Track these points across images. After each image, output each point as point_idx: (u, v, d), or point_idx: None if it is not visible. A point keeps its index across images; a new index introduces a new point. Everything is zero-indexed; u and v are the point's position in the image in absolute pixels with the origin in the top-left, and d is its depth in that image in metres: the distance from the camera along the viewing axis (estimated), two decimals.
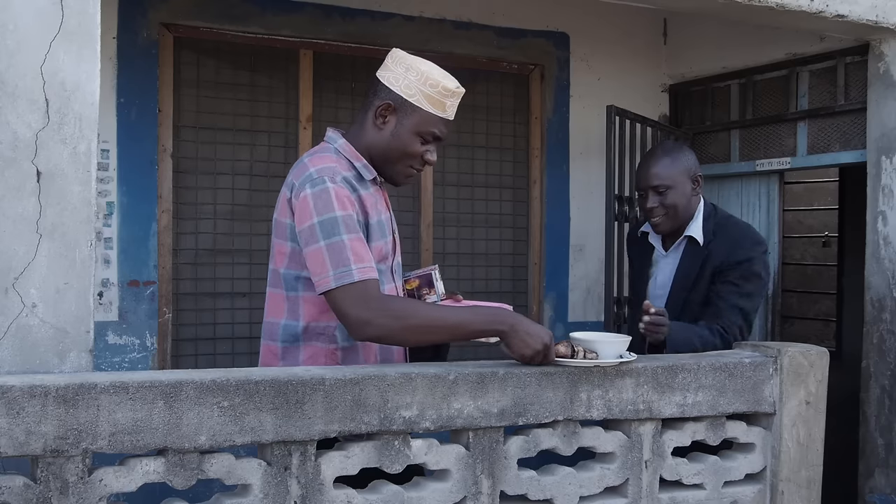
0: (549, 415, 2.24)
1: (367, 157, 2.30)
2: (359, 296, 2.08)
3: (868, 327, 3.89)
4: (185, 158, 4.21)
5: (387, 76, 2.27)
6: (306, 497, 2.00)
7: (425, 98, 2.24)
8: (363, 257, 2.12)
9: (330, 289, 2.10)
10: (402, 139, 2.26)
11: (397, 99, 2.25)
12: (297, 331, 2.25)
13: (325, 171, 2.17)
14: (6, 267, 2.03)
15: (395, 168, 2.31)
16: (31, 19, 2.06)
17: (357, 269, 2.09)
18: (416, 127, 2.25)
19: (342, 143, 2.31)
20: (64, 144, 2.08)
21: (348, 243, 2.11)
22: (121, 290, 4.02)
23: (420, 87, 2.23)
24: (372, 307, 2.09)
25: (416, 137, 2.26)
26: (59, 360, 2.08)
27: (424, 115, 2.25)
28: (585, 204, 4.97)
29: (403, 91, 2.24)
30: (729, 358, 2.52)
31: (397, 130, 2.26)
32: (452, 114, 2.30)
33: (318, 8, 4.32)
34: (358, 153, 2.29)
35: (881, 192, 3.86)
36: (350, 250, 2.10)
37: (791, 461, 2.52)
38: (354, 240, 2.12)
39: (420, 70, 2.24)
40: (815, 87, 4.47)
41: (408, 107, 2.24)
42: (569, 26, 4.91)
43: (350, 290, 2.09)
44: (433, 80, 2.23)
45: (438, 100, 2.24)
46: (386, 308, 2.10)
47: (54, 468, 1.80)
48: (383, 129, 2.27)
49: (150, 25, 4.04)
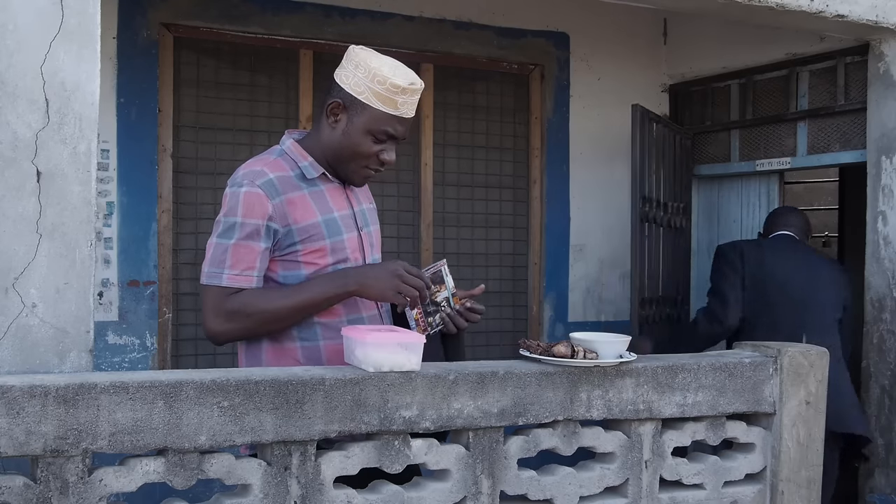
0: (549, 415, 2.24)
1: (320, 157, 2.28)
2: (218, 303, 2.15)
3: (868, 327, 3.89)
4: (185, 158, 4.21)
5: (339, 74, 2.25)
6: (306, 497, 2.00)
7: (374, 95, 2.18)
8: (241, 263, 2.14)
9: (202, 283, 2.18)
10: (353, 138, 2.22)
11: (347, 97, 2.21)
12: None
13: (248, 175, 2.18)
14: (6, 267, 2.03)
15: (349, 167, 2.27)
16: (31, 19, 2.06)
17: (228, 275, 2.14)
18: (366, 125, 2.21)
19: (289, 144, 2.29)
20: (64, 144, 2.08)
21: (232, 248, 2.14)
22: (121, 290, 4.02)
23: (368, 85, 2.18)
24: (224, 316, 2.14)
25: (367, 136, 2.22)
26: (59, 360, 2.08)
27: (374, 114, 2.20)
28: (585, 204, 4.97)
29: (353, 89, 2.20)
30: (729, 358, 2.53)
31: (348, 129, 2.23)
32: (409, 111, 2.23)
33: (318, 8, 4.32)
34: (305, 152, 2.27)
35: (881, 192, 3.85)
36: (230, 254, 2.14)
37: (791, 461, 2.52)
38: (242, 246, 2.14)
39: (369, 67, 2.18)
40: (815, 87, 4.47)
41: (357, 105, 2.20)
42: (569, 26, 4.91)
43: (213, 293, 2.15)
44: (381, 76, 2.17)
45: (388, 97, 2.18)
46: (236, 313, 2.14)
47: (54, 468, 1.80)
48: (335, 128, 2.25)
49: (150, 25, 4.04)
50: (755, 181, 4.68)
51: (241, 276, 2.15)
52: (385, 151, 2.25)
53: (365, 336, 2.07)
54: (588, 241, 4.98)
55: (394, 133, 2.23)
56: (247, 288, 2.15)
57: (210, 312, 2.16)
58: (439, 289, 2.31)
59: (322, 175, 2.27)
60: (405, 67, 2.26)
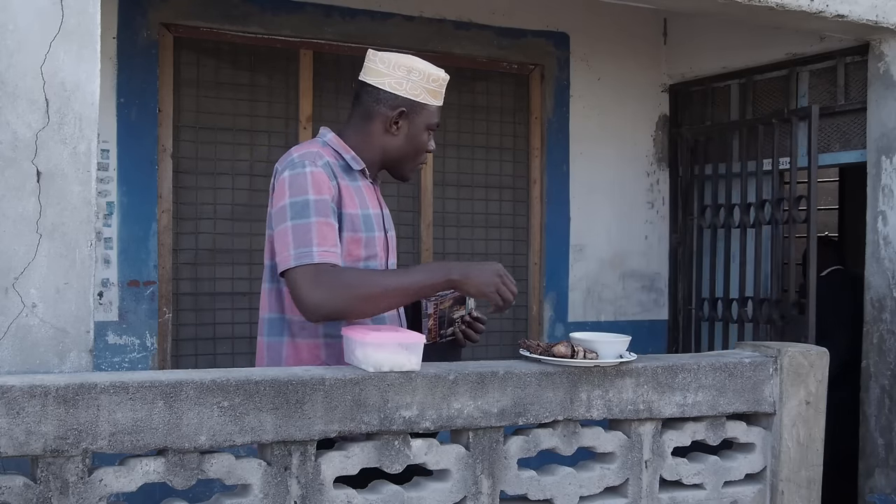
0: (549, 415, 2.24)
1: (367, 157, 2.32)
2: (315, 277, 2.07)
3: (868, 327, 3.89)
4: (185, 158, 4.20)
5: (387, 82, 2.30)
6: (306, 497, 2.00)
7: (429, 93, 2.32)
8: (328, 241, 2.12)
9: (289, 268, 2.10)
10: (417, 138, 2.35)
11: (406, 102, 2.30)
12: (281, 325, 2.26)
13: (307, 156, 2.20)
14: (6, 267, 2.03)
15: (409, 165, 2.40)
16: (31, 19, 2.06)
17: (318, 252, 2.09)
18: (425, 122, 2.34)
19: (331, 137, 2.34)
20: (64, 144, 2.08)
21: (315, 225, 2.11)
22: (121, 290, 4.02)
23: (424, 85, 2.31)
24: (324, 287, 2.07)
25: (426, 132, 2.36)
26: (59, 360, 2.08)
27: (430, 110, 2.35)
28: (585, 204, 4.97)
29: (410, 93, 2.30)
30: (729, 358, 2.52)
31: (411, 132, 2.34)
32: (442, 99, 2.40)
33: (318, 8, 4.32)
34: (347, 146, 2.32)
35: (881, 192, 3.86)
36: (316, 232, 2.10)
37: (791, 461, 2.52)
38: (322, 223, 2.12)
39: (419, 69, 2.30)
40: (815, 87, 4.47)
41: (417, 107, 2.32)
42: (569, 26, 4.91)
43: (308, 270, 2.08)
44: (432, 74, 2.32)
45: (437, 91, 2.35)
46: (337, 285, 2.09)
47: (54, 468, 1.80)
48: (397, 134, 2.33)
49: (150, 25, 4.04)
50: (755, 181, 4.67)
51: (329, 252, 2.11)
52: (430, 141, 2.40)
53: (365, 336, 2.07)
54: (588, 241, 4.98)
55: (439, 122, 2.41)
56: (337, 264, 2.12)
57: (306, 288, 2.07)
58: (459, 308, 2.38)
59: (361, 171, 2.33)
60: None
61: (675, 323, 5.11)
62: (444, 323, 2.36)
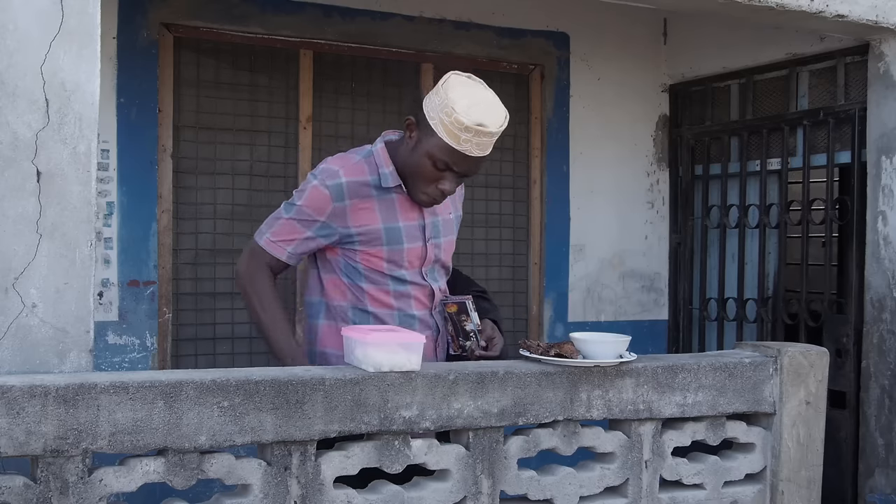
0: (549, 415, 2.24)
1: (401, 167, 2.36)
2: (250, 255, 2.41)
3: (868, 327, 3.89)
4: (185, 158, 4.20)
5: (428, 93, 2.33)
6: (306, 497, 2.00)
7: (441, 124, 2.23)
8: (282, 237, 2.37)
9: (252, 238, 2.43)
10: (417, 158, 2.29)
11: (421, 118, 2.29)
12: (320, 308, 2.43)
13: (325, 172, 2.36)
14: (6, 267, 2.03)
15: (409, 184, 2.35)
16: (31, 19, 2.06)
17: (268, 239, 2.39)
18: (428, 149, 2.26)
19: (379, 148, 2.39)
20: (64, 144, 2.08)
21: (284, 221, 2.38)
22: (121, 290, 4.02)
23: (439, 113, 2.23)
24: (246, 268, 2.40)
25: (428, 160, 2.27)
26: (59, 360, 2.08)
27: (437, 141, 2.25)
28: (585, 204, 4.97)
29: (428, 112, 2.27)
30: (729, 358, 2.53)
31: (416, 148, 2.30)
32: (473, 150, 2.23)
33: (318, 8, 4.32)
34: (389, 159, 2.36)
35: (881, 192, 3.85)
36: (280, 226, 2.38)
37: (791, 461, 2.52)
38: (291, 222, 2.36)
39: (446, 96, 2.23)
40: (815, 87, 4.47)
41: (427, 128, 2.27)
42: (569, 26, 4.91)
43: (253, 247, 2.41)
44: (450, 108, 2.21)
45: (452, 131, 2.21)
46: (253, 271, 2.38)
47: (54, 468, 1.80)
48: (408, 144, 2.33)
49: (150, 25, 4.03)
50: (755, 181, 4.67)
51: (275, 244, 2.38)
52: (444, 181, 2.30)
53: (365, 336, 2.07)
54: (588, 241, 4.97)
55: (452, 166, 2.27)
56: (277, 258, 2.38)
57: (242, 258, 2.44)
58: (467, 319, 2.42)
59: (398, 186, 2.35)
60: (487, 107, 2.25)
61: (675, 323, 5.11)
62: (459, 332, 2.42)
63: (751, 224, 4.62)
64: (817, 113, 4.29)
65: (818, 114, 4.27)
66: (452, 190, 2.32)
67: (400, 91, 4.56)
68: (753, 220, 4.63)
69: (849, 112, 4.12)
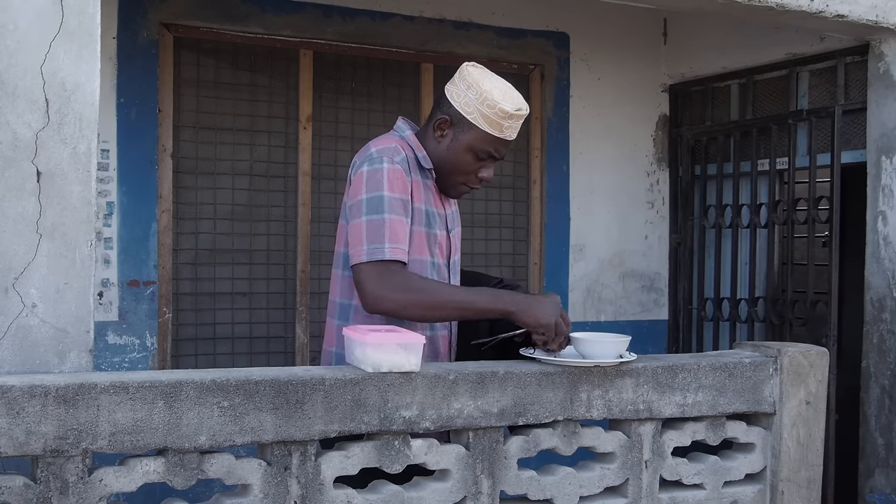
0: (549, 415, 2.24)
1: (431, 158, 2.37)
2: (382, 273, 2.16)
3: (868, 327, 3.89)
4: (185, 158, 4.20)
5: (451, 90, 2.33)
6: (306, 497, 2.00)
7: (482, 117, 2.26)
8: (398, 238, 2.19)
9: (361, 262, 2.18)
10: (456, 155, 2.31)
11: (456, 115, 2.29)
12: (350, 310, 2.33)
13: (385, 152, 2.25)
14: (6, 267, 2.03)
15: (448, 181, 2.37)
16: (31, 19, 2.06)
17: (389, 248, 2.17)
18: (470, 144, 2.29)
19: (409, 134, 2.38)
20: (64, 144, 2.08)
21: (387, 222, 2.18)
22: (121, 290, 4.02)
23: (478, 106, 2.26)
24: (390, 283, 2.16)
25: (470, 154, 2.30)
26: (59, 360, 2.08)
27: (480, 134, 2.28)
28: (585, 204, 4.97)
29: (462, 108, 2.28)
30: (729, 358, 2.53)
31: (452, 145, 2.31)
32: (511, 134, 2.30)
33: (318, 8, 4.32)
34: (421, 145, 2.35)
35: (881, 192, 3.86)
36: (388, 228, 2.18)
37: (791, 461, 2.52)
38: (395, 220, 2.19)
39: (481, 89, 2.26)
40: (815, 87, 4.47)
41: (465, 124, 2.28)
42: (569, 26, 4.91)
43: (377, 266, 2.17)
44: (491, 100, 2.24)
45: (495, 121, 2.26)
46: (402, 285, 2.16)
47: (54, 468, 1.80)
48: (440, 142, 2.33)
49: (150, 25, 4.04)
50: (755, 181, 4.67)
51: (397, 248, 2.19)
52: (484, 169, 2.34)
53: (364, 336, 2.07)
54: (588, 241, 4.98)
55: (494, 153, 2.32)
56: (403, 262, 2.20)
57: (373, 282, 2.16)
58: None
59: (430, 169, 2.36)
60: (514, 91, 2.32)
61: (675, 323, 5.11)
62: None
63: (748, 224, 4.61)
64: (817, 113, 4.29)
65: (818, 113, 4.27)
66: (492, 176, 2.37)
67: (400, 91, 4.56)
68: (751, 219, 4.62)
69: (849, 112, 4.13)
